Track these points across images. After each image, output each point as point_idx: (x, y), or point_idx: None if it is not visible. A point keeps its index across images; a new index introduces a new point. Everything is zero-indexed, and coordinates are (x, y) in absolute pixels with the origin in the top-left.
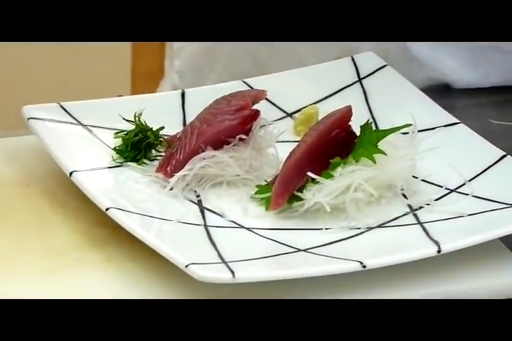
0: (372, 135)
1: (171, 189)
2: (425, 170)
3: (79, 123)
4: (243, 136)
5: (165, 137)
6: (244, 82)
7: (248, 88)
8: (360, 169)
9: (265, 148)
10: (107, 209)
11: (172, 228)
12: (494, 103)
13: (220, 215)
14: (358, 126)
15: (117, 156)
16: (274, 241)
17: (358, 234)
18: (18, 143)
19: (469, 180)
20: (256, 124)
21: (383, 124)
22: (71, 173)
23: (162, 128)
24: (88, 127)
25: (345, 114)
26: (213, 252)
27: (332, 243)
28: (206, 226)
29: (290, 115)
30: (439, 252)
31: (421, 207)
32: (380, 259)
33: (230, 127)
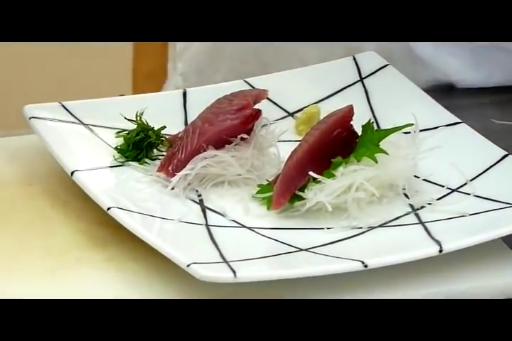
0: (373, 134)
1: (173, 188)
2: (427, 170)
3: (80, 122)
4: (245, 136)
5: (166, 136)
6: (245, 82)
7: (250, 87)
8: (361, 168)
9: (267, 148)
10: (109, 208)
11: (173, 227)
12: (496, 103)
13: (222, 215)
14: (360, 126)
15: (119, 156)
16: (276, 240)
17: (360, 234)
18: (20, 142)
19: (471, 180)
20: (257, 124)
21: (385, 124)
22: (72, 173)
23: (164, 127)
24: (90, 126)
25: (346, 114)
26: (215, 252)
27: (334, 242)
28: (208, 225)
29: (292, 114)
30: (441, 252)
31: (422, 207)
32: (382, 259)
33: (232, 126)
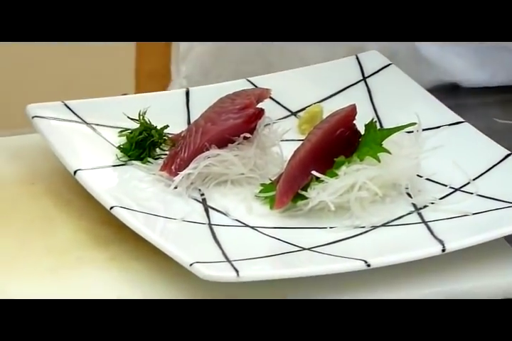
0: (376, 134)
1: (176, 187)
2: (430, 169)
3: (83, 121)
4: (247, 135)
5: (169, 136)
6: (248, 81)
7: (252, 87)
8: (364, 168)
9: (270, 147)
10: (111, 207)
11: (176, 227)
12: (499, 102)
13: (225, 214)
14: (363, 125)
15: (121, 155)
16: (279, 239)
17: (363, 233)
18: (23, 141)
19: (474, 179)
20: (260, 123)
21: (388, 123)
22: (75, 172)
23: (166, 126)
24: (92, 126)
25: (349, 113)
26: (217, 251)
27: (336, 242)
28: (210, 224)
29: (294, 114)
30: (444, 251)
31: (425, 206)
32: (385, 258)
33: (235, 126)
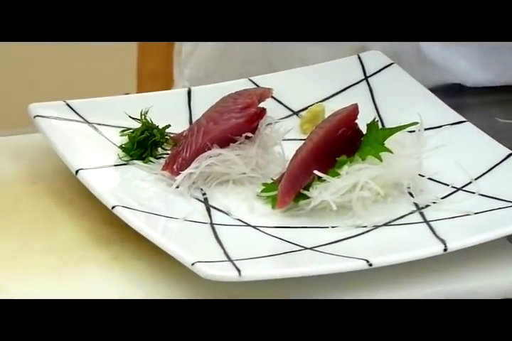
0: (378, 133)
1: (177, 187)
2: (431, 169)
3: (85, 121)
4: (249, 134)
5: (171, 135)
6: (250, 80)
7: (254, 86)
8: (366, 167)
9: (271, 147)
10: (113, 207)
11: (178, 226)
12: (501, 102)
13: (226, 213)
14: (365, 125)
15: (123, 154)
16: (281, 239)
17: (365, 233)
18: (24, 141)
19: (476, 179)
20: (262, 122)
21: (389, 122)
22: (77, 171)
23: (168, 126)
24: (94, 125)
25: (351, 112)
26: (219, 250)
27: (338, 241)
28: (212, 224)
29: (296, 113)
30: (446, 250)
31: (427, 206)
32: (387, 258)
33: (237, 125)
